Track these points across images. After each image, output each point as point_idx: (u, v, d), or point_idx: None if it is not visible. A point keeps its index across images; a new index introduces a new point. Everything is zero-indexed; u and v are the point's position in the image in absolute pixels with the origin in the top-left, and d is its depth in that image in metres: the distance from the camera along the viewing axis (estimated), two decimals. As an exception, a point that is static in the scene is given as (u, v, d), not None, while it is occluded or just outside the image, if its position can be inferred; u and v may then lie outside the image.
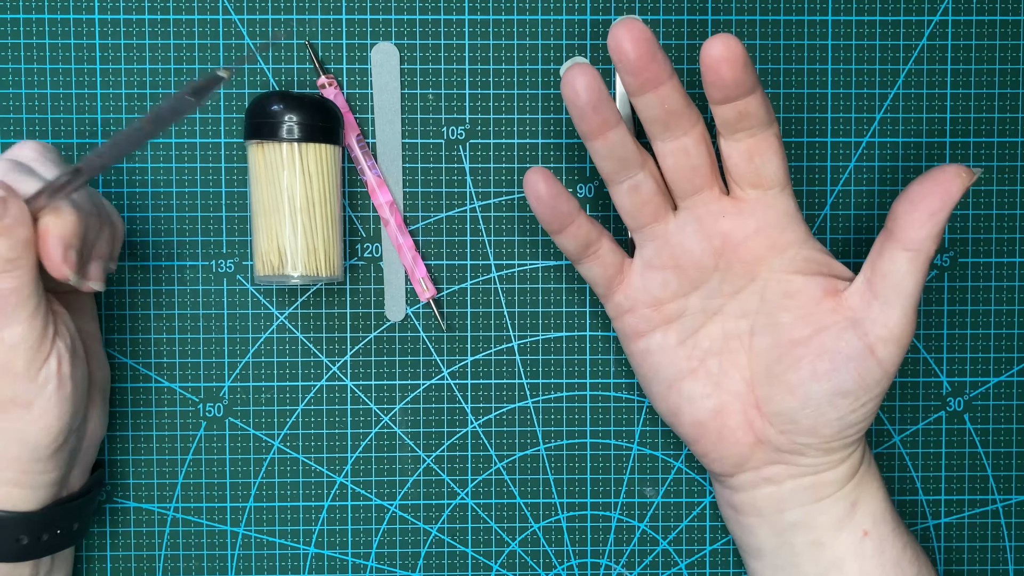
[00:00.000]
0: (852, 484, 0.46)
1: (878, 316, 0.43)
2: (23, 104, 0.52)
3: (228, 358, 0.53)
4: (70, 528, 0.46)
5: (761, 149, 0.43)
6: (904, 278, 0.43)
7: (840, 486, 0.46)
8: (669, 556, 0.55)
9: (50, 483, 0.44)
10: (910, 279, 0.43)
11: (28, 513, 0.43)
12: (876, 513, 0.46)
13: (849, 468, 0.46)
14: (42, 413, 0.42)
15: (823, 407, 0.44)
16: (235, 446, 0.53)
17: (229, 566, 0.53)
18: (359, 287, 0.53)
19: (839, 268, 0.45)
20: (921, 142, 0.54)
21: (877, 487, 0.47)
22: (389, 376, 0.53)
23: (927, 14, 0.54)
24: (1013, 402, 0.55)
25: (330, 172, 0.49)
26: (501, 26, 0.53)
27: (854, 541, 0.46)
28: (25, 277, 0.41)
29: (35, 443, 0.42)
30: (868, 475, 0.47)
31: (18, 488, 0.43)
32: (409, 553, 0.54)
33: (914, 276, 0.43)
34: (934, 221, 0.42)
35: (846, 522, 0.46)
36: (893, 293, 0.43)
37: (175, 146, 0.52)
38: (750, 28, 0.53)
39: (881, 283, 0.43)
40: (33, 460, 0.43)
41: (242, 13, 0.52)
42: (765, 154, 0.44)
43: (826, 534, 0.46)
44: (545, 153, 0.53)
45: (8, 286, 0.40)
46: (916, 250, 0.42)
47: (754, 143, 0.43)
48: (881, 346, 0.43)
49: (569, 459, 0.54)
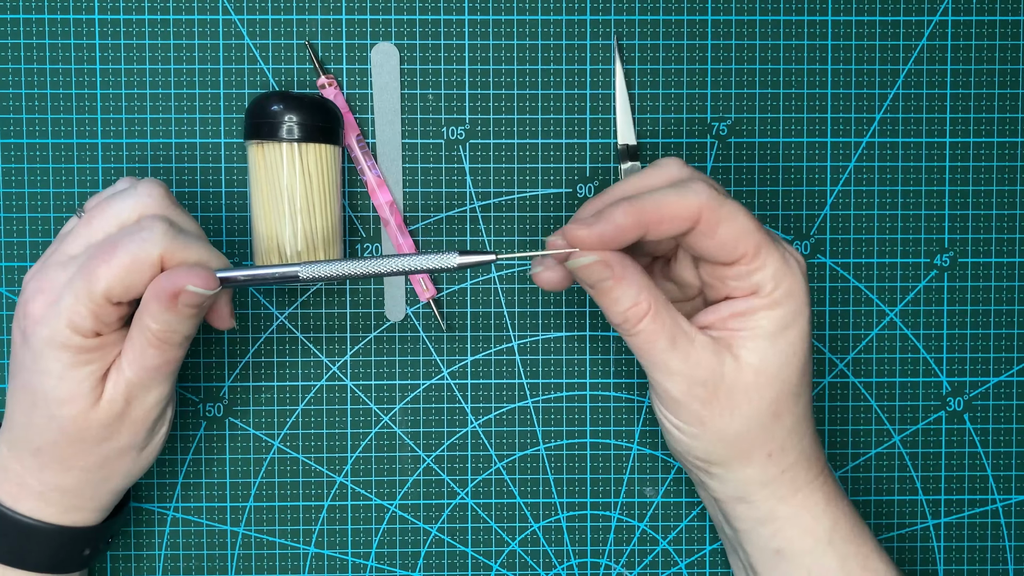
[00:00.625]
0: (768, 531, 0.45)
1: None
2: (23, 104, 0.52)
3: (228, 358, 0.53)
4: (109, 539, 0.49)
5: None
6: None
7: (750, 525, 0.46)
8: (669, 556, 0.55)
9: (113, 504, 0.47)
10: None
11: (92, 528, 0.47)
12: (812, 568, 0.45)
13: (748, 512, 0.45)
14: (149, 454, 0.46)
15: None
16: (235, 446, 0.53)
17: (229, 566, 0.53)
18: (359, 287, 0.53)
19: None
20: (921, 142, 0.54)
21: (814, 546, 0.45)
22: (389, 376, 0.53)
23: (927, 14, 0.54)
24: (1013, 402, 0.55)
25: (330, 172, 0.49)
26: (501, 26, 0.53)
27: (768, 556, 0.46)
28: (186, 347, 0.44)
29: (133, 478, 0.46)
30: (795, 532, 0.46)
31: (93, 512, 0.46)
32: (409, 553, 0.54)
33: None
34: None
35: (773, 565, 0.46)
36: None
37: (175, 146, 0.52)
38: (750, 28, 0.53)
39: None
40: (122, 490, 0.47)
41: (242, 13, 0.52)
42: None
43: (758, 565, 0.46)
44: (545, 153, 0.53)
45: (175, 356, 0.43)
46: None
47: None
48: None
49: (569, 459, 0.54)
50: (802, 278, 0.43)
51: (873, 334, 0.54)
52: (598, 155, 0.53)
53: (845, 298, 0.54)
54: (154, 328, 0.42)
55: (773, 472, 0.44)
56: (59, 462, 0.43)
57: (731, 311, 0.43)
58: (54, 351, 0.41)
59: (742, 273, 0.42)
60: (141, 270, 0.41)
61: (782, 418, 0.43)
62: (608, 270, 0.41)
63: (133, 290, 0.41)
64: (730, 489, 0.45)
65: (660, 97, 0.53)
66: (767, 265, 0.42)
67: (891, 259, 0.54)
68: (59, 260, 0.43)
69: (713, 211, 0.41)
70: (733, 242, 0.41)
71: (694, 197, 0.41)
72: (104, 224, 0.43)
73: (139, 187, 0.43)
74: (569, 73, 0.53)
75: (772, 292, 0.42)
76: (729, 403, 0.42)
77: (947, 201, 0.54)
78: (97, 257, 0.41)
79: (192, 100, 0.52)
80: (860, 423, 0.55)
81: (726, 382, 0.42)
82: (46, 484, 0.44)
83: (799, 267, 0.43)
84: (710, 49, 0.53)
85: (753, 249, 0.41)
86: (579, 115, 0.53)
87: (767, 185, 0.54)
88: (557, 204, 0.53)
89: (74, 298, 0.41)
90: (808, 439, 0.45)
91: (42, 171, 0.52)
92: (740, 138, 0.53)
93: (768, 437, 0.43)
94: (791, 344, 0.43)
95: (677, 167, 0.44)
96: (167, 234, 0.41)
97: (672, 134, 0.53)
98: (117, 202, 0.43)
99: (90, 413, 0.42)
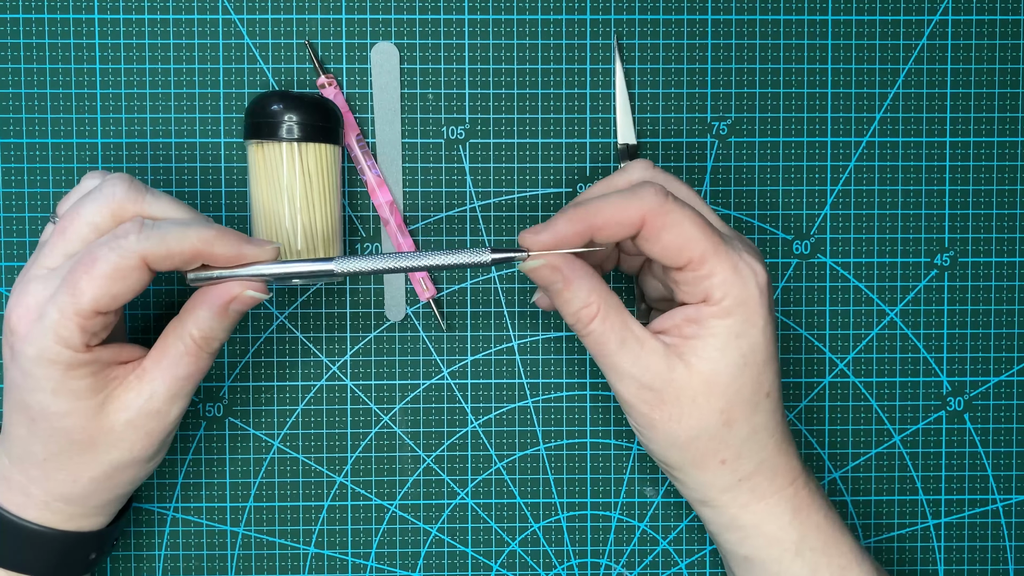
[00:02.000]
0: (735, 537, 0.46)
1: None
2: (23, 104, 0.52)
3: (228, 358, 0.53)
4: (114, 542, 0.49)
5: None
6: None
7: (716, 529, 0.46)
8: (669, 556, 0.55)
9: (118, 509, 0.47)
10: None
11: (97, 532, 0.47)
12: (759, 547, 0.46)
13: (713, 516, 0.46)
14: (156, 462, 0.46)
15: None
16: (235, 446, 0.53)
17: (229, 566, 0.53)
18: (359, 287, 0.53)
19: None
20: (921, 142, 0.54)
21: (780, 556, 0.46)
22: (389, 376, 0.53)
23: (927, 14, 0.54)
24: (1013, 402, 0.55)
25: (330, 172, 0.49)
26: (501, 26, 0.53)
27: (738, 561, 0.47)
28: (215, 357, 0.44)
29: (138, 483, 0.46)
30: (761, 541, 0.46)
31: (98, 518, 0.46)
32: (409, 553, 0.54)
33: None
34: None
35: (745, 569, 0.47)
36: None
37: (175, 146, 0.52)
38: (750, 28, 0.53)
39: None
40: (127, 495, 0.47)
41: (242, 13, 0.52)
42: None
43: (733, 564, 0.47)
44: (545, 153, 0.53)
45: (206, 365, 0.44)
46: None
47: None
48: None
49: (569, 459, 0.54)
50: (755, 289, 0.43)
51: (873, 334, 0.54)
52: (598, 155, 0.53)
53: (845, 298, 0.54)
54: (196, 335, 0.42)
55: (730, 479, 0.44)
56: (67, 472, 0.43)
57: (683, 316, 0.43)
58: (43, 368, 0.41)
59: (690, 279, 0.43)
60: (125, 277, 0.40)
61: (734, 427, 0.44)
62: (557, 273, 0.43)
63: (120, 298, 0.41)
64: (693, 492, 0.46)
65: (660, 97, 0.53)
66: (715, 273, 0.42)
67: (891, 259, 0.54)
68: (38, 274, 0.42)
69: (657, 217, 0.42)
70: (677, 249, 0.42)
71: (637, 203, 0.42)
72: (78, 231, 0.42)
73: (104, 187, 0.42)
74: (569, 73, 0.53)
75: (720, 300, 0.42)
76: (677, 409, 0.43)
77: (947, 201, 0.54)
78: (78, 270, 0.40)
79: (192, 100, 0.52)
80: (860, 423, 0.55)
81: (674, 387, 0.43)
82: (51, 494, 0.44)
83: (754, 278, 0.43)
84: (710, 49, 0.53)
85: (699, 256, 0.42)
86: (579, 115, 0.53)
87: (767, 185, 0.54)
88: (557, 204, 0.53)
89: (60, 313, 0.40)
90: (771, 450, 0.45)
91: (42, 171, 0.52)
92: (740, 138, 0.54)
93: (720, 445, 0.44)
94: (743, 355, 0.43)
95: (640, 170, 0.45)
96: (142, 235, 0.41)
97: (672, 134, 0.53)
98: (86, 205, 0.42)
99: (98, 420, 0.42)
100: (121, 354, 0.43)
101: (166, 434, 0.44)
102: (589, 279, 0.43)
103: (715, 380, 0.43)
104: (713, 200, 0.54)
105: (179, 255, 0.41)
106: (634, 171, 0.46)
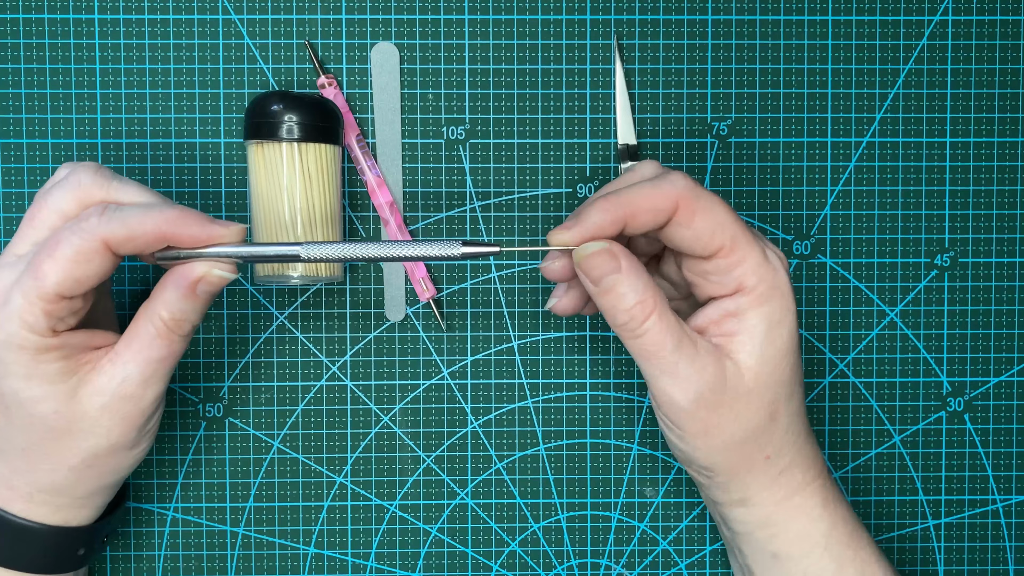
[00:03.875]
0: (765, 534, 0.45)
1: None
2: (23, 104, 0.52)
3: (228, 358, 0.53)
4: (104, 538, 0.49)
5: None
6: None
7: (748, 528, 0.45)
8: (669, 556, 0.55)
9: (106, 502, 0.47)
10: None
11: (86, 527, 0.46)
12: (809, 572, 0.45)
13: (748, 515, 0.45)
14: (140, 451, 0.45)
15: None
16: (235, 446, 0.53)
17: (229, 566, 0.53)
18: (359, 287, 0.53)
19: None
20: (921, 142, 0.54)
21: (810, 551, 0.45)
22: (389, 376, 0.53)
23: (927, 14, 0.54)
24: (1013, 402, 0.55)
25: (330, 172, 0.49)
26: (501, 26, 0.53)
27: (765, 559, 0.46)
28: (189, 340, 0.44)
29: (123, 474, 0.46)
30: (791, 535, 0.45)
31: (85, 511, 0.46)
32: (409, 553, 0.54)
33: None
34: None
35: (770, 568, 0.46)
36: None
37: (175, 146, 0.52)
38: (750, 28, 0.53)
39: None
40: (113, 487, 0.46)
41: (242, 13, 0.52)
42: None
43: (755, 567, 0.46)
44: (545, 153, 0.53)
45: (180, 348, 0.43)
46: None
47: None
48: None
49: (569, 459, 0.54)
50: (784, 274, 0.42)
51: (873, 334, 0.54)
52: (598, 155, 0.53)
53: (845, 298, 0.54)
54: (165, 316, 0.42)
55: (772, 474, 0.44)
56: (47, 461, 0.43)
57: (721, 312, 0.42)
58: (13, 354, 0.41)
59: (721, 267, 0.42)
60: (88, 261, 0.40)
61: (778, 419, 0.43)
62: (615, 261, 0.41)
63: (85, 282, 0.41)
64: (732, 494, 0.45)
65: (660, 97, 0.53)
66: (747, 259, 0.41)
67: (891, 259, 0.54)
68: (7, 261, 0.42)
69: (689, 201, 0.41)
70: (709, 234, 0.41)
71: (670, 187, 0.41)
72: (45, 219, 0.42)
73: (70, 175, 0.43)
74: (569, 73, 0.53)
75: (756, 287, 0.42)
76: (733, 409, 0.42)
77: (947, 201, 0.54)
78: (41, 254, 0.40)
79: (192, 100, 0.52)
80: (860, 423, 0.55)
81: (730, 388, 0.42)
82: (34, 485, 0.44)
83: (781, 263, 0.43)
84: (710, 49, 0.53)
85: (730, 242, 0.41)
86: (579, 115, 0.53)
87: (767, 185, 0.54)
88: (557, 204, 0.53)
89: (24, 298, 0.40)
90: (803, 439, 0.45)
91: (42, 171, 0.52)
92: (740, 138, 0.54)
93: (766, 439, 0.43)
94: (784, 342, 0.42)
95: (653, 167, 0.44)
96: (104, 217, 0.40)
97: (672, 134, 0.53)
98: (54, 194, 0.42)
99: (73, 405, 0.42)
100: (94, 339, 0.43)
101: (144, 419, 0.43)
102: (643, 271, 0.41)
103: (763, 373, 0.42)
104: (713, 200, 0.54)
105: (141, 236, 0.41)
106: (647, 167, 0.44)
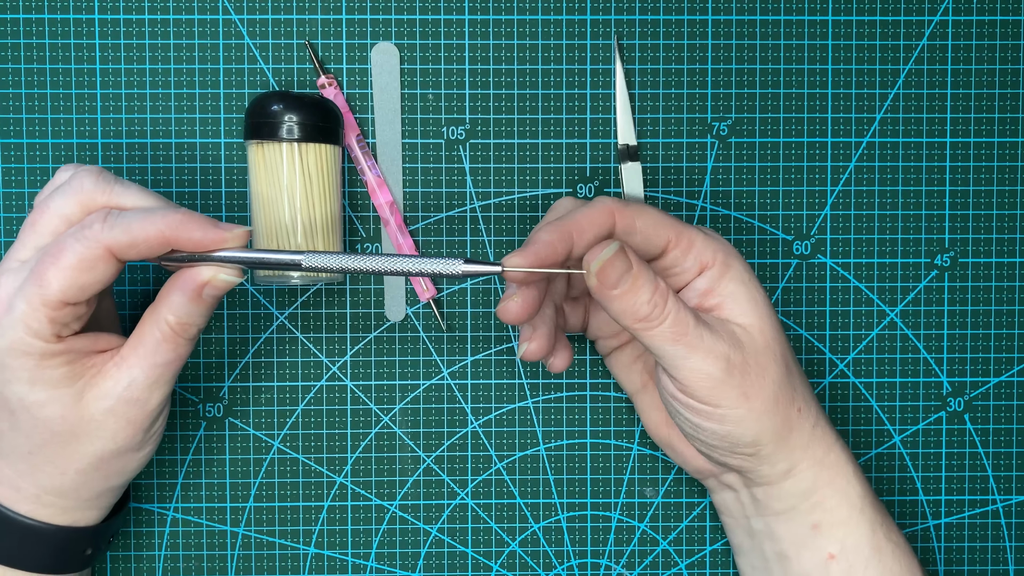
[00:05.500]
0: (808, 504, 0.45)
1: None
2: (23, 104, 0.52)
3: (228, 358, 0.53)
4: (110, 538, 0.49)
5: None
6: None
7: (792, 502, 0.46)
8: (669, 556, 0.55)
9: (113, 503, 0.47)
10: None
11: (93, 527, 0.46)
12: (846, 540, 0.45)
13: (795, 486, 0.45)
14: (146, 453, 0.45)
15: (684, 428, 0.46)
16: (235, 446, 0.53)
17: (229, 566, 0.53)
18: (359, 287, 0.53)
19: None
20: (921, 142, 0.54)
21: (848, 515, 0.46)
22: (389, 376, 0.53)
23: (927, 14, 0.54)
24: (1013, 402, 0.55)
25: (330, 172, 0.49)
26: (501, 26, 0.53)
27: (817, 562, 0.46)
28: (195, 343, 0.44)
29: (129, 475, 0.46)
30: (834, 501, 0.46)
31: (92, 511, 0.46)
32: (409, 553, 0.54)
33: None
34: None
35: (808, 542, 0.46)
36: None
37: (175, 146, 0.52)
38: (750, 28, 0.53)
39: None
40: (120, 488, 0.46)
41: (242, 13, 0.52)
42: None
43: (790, 548, 0.46)
44: (545, 153, 0.53)
45: (186, 352, 0.43)
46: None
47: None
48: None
49: (569, 459, 0.54)
50: (727, 241, 0.46)
51: (873, 334, 0.54)
52: (598, 155, 0.53)
53: (845, 298, 0.54)
54: (172, 321, 0.42)
55: (807, 428, 0.45)
56: (53, 464, 0.43)
57: (698, 292, 0.45)
58: (17, 359, 0.41)
59: (678, 258, 0.45)
60: (92, 268, 0.40)
61: (792, 369, 0.45)
62: (627, 257, 0.42)
63: (89, 289, 0.41)
64: (778, 465, 0.45)
65: (660, 97, 0.53)
66: (695, 242, 0.44)
67: (891, 259, 0.54)
68: (9, 267, 0.42)
69: (623, 209, 0.44)
70: (654, 231, 0.44)
71: (602, 204, 0.44)
72: (48, 223, 0.42)
73: (73, 179, 0.43)
74: (569, 73, 0.53)
75: (715, 258, 0.44)
76: (759, 365, 0.43)
77: (947, 201, 0.54)
78: (45, 261, 0.40)
79: (192, 100, 0.52)
80: (860, 423, 0.55)
81: (746, 345, 0.43)
82: (41, 487, 0.44)
83: (718, 234, 0.46)
84: (710, 49, 0.53)
85: (675, 234, 0.44)
86: (579, 115, 0.53)
87: (767, 185, 0.54)
88: (557, 204, 0.53)
89: (28, 304, 0.40)
90: (810, 389, 0.46)
91: (42, 171, 0.52)
92: (740, 138, 0.54)
93: (791, 391, 0.44)
94: (763, 295, 0.45)
95: (571, 200, 0.48)
96: (107, 224, 0.41)
97: (672, 134, 0.53)
98: (56, 198, 0.42)
99: (78, 409, 0.42)
100: (98, 343, 0.43)
101: (149, 422, 0.44)
102: (646, 263, 0.43)
103: (764, 327, 0.44)
104: (713, 200, 0.54)
105: (144, 242, 0.41)
106: (566, 203, 0.47)
